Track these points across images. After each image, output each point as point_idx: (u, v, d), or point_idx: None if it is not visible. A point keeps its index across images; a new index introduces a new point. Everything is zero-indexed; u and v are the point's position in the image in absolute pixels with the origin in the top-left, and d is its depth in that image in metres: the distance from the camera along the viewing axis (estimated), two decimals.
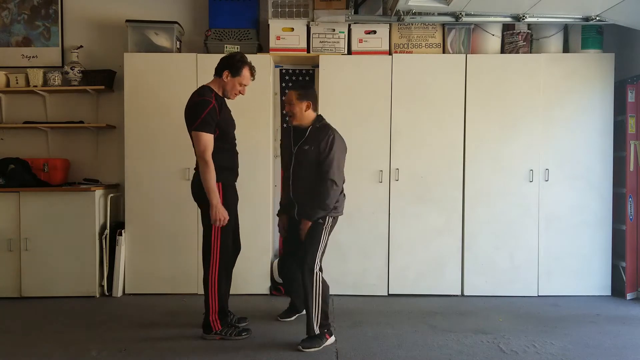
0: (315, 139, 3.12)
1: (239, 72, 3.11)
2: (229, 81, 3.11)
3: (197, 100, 3.02)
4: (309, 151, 3.12)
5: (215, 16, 4.36)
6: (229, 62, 3.11)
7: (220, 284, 3.11)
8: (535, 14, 4.02)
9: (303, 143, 3.16)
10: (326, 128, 3.18)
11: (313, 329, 3.03)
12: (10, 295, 4.10)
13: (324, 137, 3.10)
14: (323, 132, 3.14)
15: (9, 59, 4.57)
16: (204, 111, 2.97)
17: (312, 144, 3.12)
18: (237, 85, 3.13)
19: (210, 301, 3.10)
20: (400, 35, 4.24)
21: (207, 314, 3.14)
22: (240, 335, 3.17)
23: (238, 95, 3.19)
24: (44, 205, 4.09)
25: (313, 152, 3.10)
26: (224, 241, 3.12)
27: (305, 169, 3.14)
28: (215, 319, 3.13)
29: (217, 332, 3.14)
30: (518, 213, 4.17)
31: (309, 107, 3.18)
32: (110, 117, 4.56)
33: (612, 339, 3.21)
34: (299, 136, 3.19)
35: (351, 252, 4.20)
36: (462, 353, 2.97)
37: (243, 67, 3.12)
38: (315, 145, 3.10)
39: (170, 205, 4.18)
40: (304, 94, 3.18)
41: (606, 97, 4.19)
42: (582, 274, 4.19)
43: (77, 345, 3.09)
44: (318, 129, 3.17)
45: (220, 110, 3.08)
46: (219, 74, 3.13)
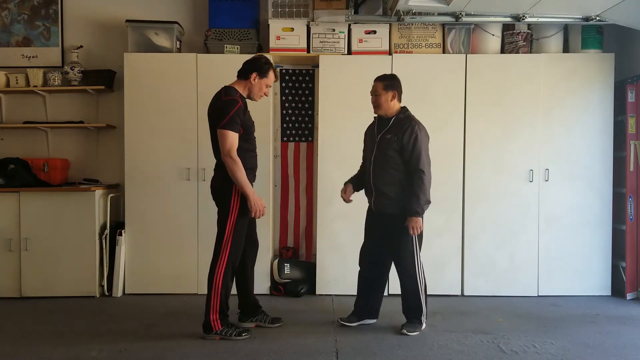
0: (399, 129, 3.22)
1: (266, 73, 3.19)
2: (256, 83, 3.18)
3: (225, 100, 3.08)
4: (392, 140, 3.21)
5: (215, 16, 4.36)
6: (257, 64, 3.20)
7: (224, 284, 3.11)
8: (535, 14, 4.02)
9: (386, 132, 3.26)
10: (409, 119, 3.27)
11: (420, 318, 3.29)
12: (10, 295, 4.10)
13: (408, 128, 3.20)
14: (407, 123, 3.23)
15: (9, 59, 4.57)
16: (232, 110, 3.03)
17: (395, 133, 3.22)
18: (263, 87, 3.22)
19: (212, 300, 3.10)
20: (400, 35, 4.25)
21: (207, 313, 3.13)
22: (240, 336, 3.16)
23: (262, 97, 3.28)
24: (44, 205, 4.10)
25: (396, 142, 3.20)
26: (236, 244, 3.13)
27: (387, 158, 3.23)
28: (216, 318, 3.12)
29: (217, 332, 3.14)
30: (518, 213, 4.17)
31: (395, 97, 3.29)
32: (110, 117, 4.56)
33: (612, 339, 3.21)
34: (383, 125, 3.29)
35: (351, 252, 4.18)
36: (462, 353, 2.97)
37: (270, 68, 3.22)
38: (399, 136, 3.20)
39: (170, 205, 4.18)
40: (390, 84, 3.28)
41: (606, 97, 4.19)
42: (582, 274, 4.19)
43: (77, 345, 3.09)
44: (402, 119, 3.26)
45: (245, 111, 3.15)
46: (245, 77, 3.19)
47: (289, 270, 4.26)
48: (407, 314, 3.35)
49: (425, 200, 3.17)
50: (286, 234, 4.60)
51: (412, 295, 3.29)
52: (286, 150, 4.57)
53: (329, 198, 4.18)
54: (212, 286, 3.10)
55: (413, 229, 3.19)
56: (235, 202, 3.10)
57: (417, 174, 3.16)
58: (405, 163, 3.21)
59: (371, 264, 3.41)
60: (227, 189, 3.10)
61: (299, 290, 4.17)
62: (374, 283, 3.42)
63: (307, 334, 3.26)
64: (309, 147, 4.57)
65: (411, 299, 3.30)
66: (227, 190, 3.11)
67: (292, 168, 4.57)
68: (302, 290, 4.19)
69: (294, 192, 4.58)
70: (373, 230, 3.40)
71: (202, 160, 4.17)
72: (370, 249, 3.42)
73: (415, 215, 3.16)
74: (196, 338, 3.18)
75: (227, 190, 3.10)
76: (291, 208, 4.58)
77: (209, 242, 4.15)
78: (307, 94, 4.57)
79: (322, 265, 4.21)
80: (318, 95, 4.26)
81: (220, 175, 3.16)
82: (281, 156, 4.56)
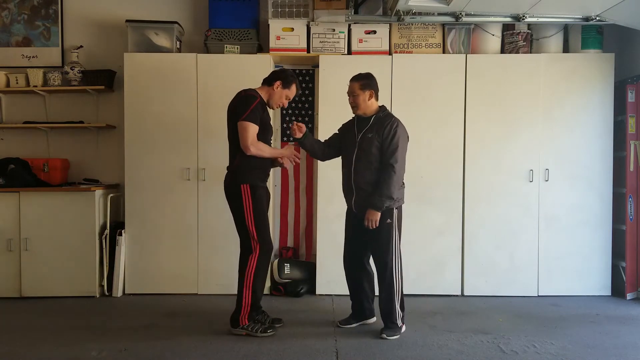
0: (380, 127, 3.21)
1: (289, 85, 3.31)
2: (277, 91, 3.29)
3: (245, 94, 3.20)
4: (373, 139, 3.20)
5: (215, 16, 4.36)
6: (283, 74, 3.32)
7: (256, 280, 3.16)
8: (535, 14, 4.02)
9: (367, 131, 3.24)
10: (390, 117, 3.27)
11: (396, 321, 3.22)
12: (10, 295, 4.10)
13: (388, 125, 3.19)
14: (387, 121, 3.23)
15: (9, 59, 4.57)
16: (253, 104, 3.14)
17: (376, 131, 3.21)
18: (283, 97, 3.32)
19: (244, 297, 3.15)
20: (400, 35, 4.24)
21: (237, 309, 3.18)
22: (266, 332, 3.20)
23: (279, 107, 3.38)
24: (44, 205, 4.10)
25: (377, 140, 3.19)
26: (263, 237, 3.19)
27: (369, 156, 3.21)
28: (245, 314, 3.18)
29: (243, 327, 3.18)
30: (518, 213, 4.17)
31: (372, 95, 3.28)
32: (110, 117, 4.56)
33: (612, 339, 3.21)
34: (363, 124, 3.28)
35: None
36: (462, 353, 2.97)
37: (294, 82, 3.34)
38: (379, 133, 3.19)
39: (170, 205, 4.18)
40: (366, 84, 3.27)
41: (606, 97, 4.19)
42: (582, 274, 4.19)
43: (77, 345, 3.09)
44: (382, 117, 3.26)
45: (264, 111, 3.24)
46: (270, 84, 3.29)
47: (289, 270, 4.26)
48: (383, 317, 3.28)
49: (387, 196, 3.12)
50: (286, 234, 4.60)
51: (387, 296, 3.22)
52: None
53: (329, 198, 4.18)
54: (244, 282, 3.15)
55: (370, 221, 3.14)
56: (247, 198, 3.15)
57: (387, 169, 3.14)
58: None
59: (356, 266, 3.40)
60: (237, 187, 3.17)
61: (299, 290, 4.17)
62: (362, 283, 3.41)
63: (307, 334, 3.26)
64: None
65: (386, 300, 3.23)
66: (237, 189, 3.17)
67: (292, 168, 4.57)
68: (302, 290, 4.19)
69: (294, 192, 4.59)
70: (354, 231, 3.34)
71: (202, 160, 4.17)
72: (354, 250, 3.39)
73: (374, 208, 3.13)
74: (196, 338, 3.18)
75: (237, 188, 3.17)
76: (291, 208, 4.58)
77: (209, 242, 4.18)
78: (307, 94, 4.57)
79: (322, 265, 4.21)
80: (318, 95, 4.26)
81: (230, 175, 3.23)
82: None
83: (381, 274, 3.24)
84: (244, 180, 3.16)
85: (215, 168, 4.12)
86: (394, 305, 3.21)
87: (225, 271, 4.18)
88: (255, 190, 3.18)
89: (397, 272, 3.22)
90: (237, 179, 3.18)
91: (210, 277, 4.19)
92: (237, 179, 3.18)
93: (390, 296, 3.21)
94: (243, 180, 3.16)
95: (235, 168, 3.20)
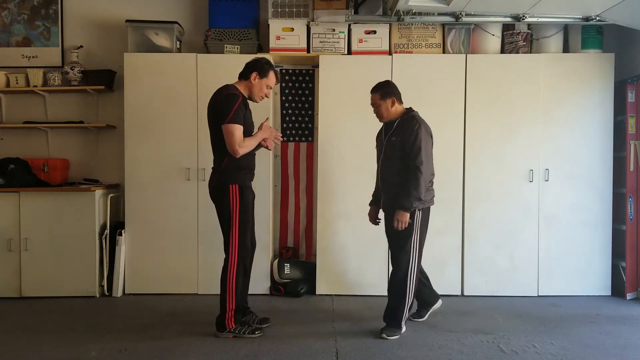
0: (402, 130, 3.25)
1: (266, 73, 3.19)
2: (256, 83, 3.19)
3: (226, 94, 3.09)
4: (396, 142, 3.25)
5: (215, 16, 4.36)
6: (256, 64, 3.21)
7: (237, 282, 3.13)
8: (535, 14, 4.02)
9: (391, 135, 3.29)
10: (412, 118, 3.28)
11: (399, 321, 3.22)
12: (10, 295, 4.10)
13: (409, 127, 3.22)
14: (409, 122, 3.25)
15: (9, 59, 4.58)
16: (235, 104, 3.06)
17: (398, 134, 3.25)
18: (264, 87, 3.22)
19: (227, 299, 3.12)
20: (400, 35, 4.24)
21: (222, 312, 3.15)
22: (253, 334, 3.19)
23: (263, 98, 3.28)
24: (44, 205, 4.10)
25: (399, 143, 3.23)
26: (242, 240, 3.14)
27: (393, 160, 3.26)
28: (230, 317, 3.15)
29: (230, 330, 3.16)
30: (518, 213, 4.17)
31: (394, 102, 3.32)
32: (110, 117, 4.56)
33: (612, 339, 3.21)
34: (389, 129, 3.34)
35: (351, 252, 4.20)
36: (462, 353, 2.97)
37: (270, 69, 3.22)
38: (402, 136, 3.22)
39: (170, 205, 4.18)
40: (386, 92, 3.32)
41: (606, 97, 4.19)
42: (582, 274, 4.19)
43: (77, 345, 3.09)
44: (405, 120, 3.29)
45: (245, 108, 3.16)
46: (246, 77, 3.20)
47: (289, 270, 4.26)
48: (387, 316, 3.30)
49: (416, 197, 3.14)
50: (286, 234, 4.60)
51: (397, 296, 3.23)
52: (286, 150, 4.57)
53: (329, 198, 4.19)
54: (225, 285, 3.12)
55: (399, 222, 3.16)
56: (234, 200, 3.11)
57: (413, 170, 3.16)
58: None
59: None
60: (225, 188, 3.12)
61: (299, 290, 4.17)
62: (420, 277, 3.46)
63: (307, 334, 3.26)
64: (309, 147, 4.58)
65: (394, 300, 3.25)
66: (224, 190, 3.12)
67: (292, 168, 4.57)
68: (302, 290, 4.19)
69: (294, 192, 4.59)
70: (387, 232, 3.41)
71: (202, 160, 4.17)
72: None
73: (403, 209, 3.15)
74: (196, 338, 3.18)
75: (225, 189, 3.12)
76: (291, 208, 4.58)
77: (209, 242, 4.17)
78: (307, 94, 4.57)
79: (322, 265, 4.21)
80: (318, 95, 4.26)
81: (217, 175, 3.17)
82: (281, 156, 4.56)
83: (395, 273, 3.25)
84: (233, 180, 3.11)
85: None
86: (403, 306, 3.21)
87: None
88: (244, 191, 3.14)
89: (412, 274, 3.21)
90: (226, 180, 3.11)
91: (210, 277, 4.19)
92: (226, 179, 3.12)
93: (401, 297, 3.21)
94: (233, 180, 3.11)
95: (223, 169, 3.13)
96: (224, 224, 3.16)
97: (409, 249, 3.21)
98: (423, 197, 3.18)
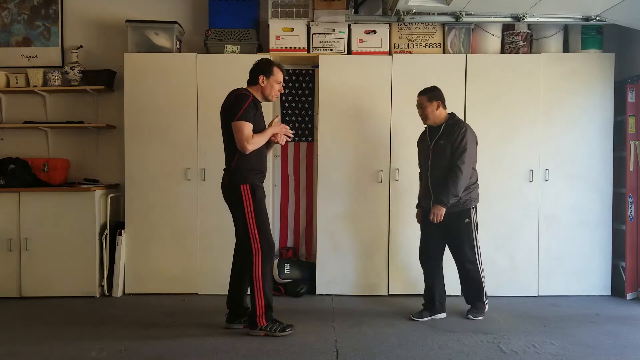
0: (450, 134, 3.49)
1: (271, 72, 3.24)
2: (266, 84, 3.24)
3: (236, 95, 3.17)
4: (445, 145, 3.49)
5: (215, 16, 4.36)
6: (260, 67, 3.25)
7: (264, 280, 3.17)
8: (535, 14, 4.02)
9: (439, 138, 3.53)
10: (458, 123, 3.55)
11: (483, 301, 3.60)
12: (10, 295, 4.10)
13: (457, 130, 3.47)
14: (456, 126, 3.51)
15: (9, 59, 4.58)
16: (245, 103, 3.13)
17: (446, 138, 3.49)
18: (275, 85, 3.26)
19: (257, 298, 3.15)
20: (400, 35, 4.24)
21: (253, 311, 3.18)
22: (284, 331, 3.20)
23: (278, 95, 3.35)
24: (44, 205, 4.10)
25: (448, 145, 3.47)
26: (264, 236, 3.18)
27: (442, 162, 3.50)
28: (261, 314, 3.17)
29: (261, 328, 3.18)
30: (518, 213, 4.17)
31: (439, 106, 3.55)
32: (110, 117, 4.56)
33: (612, 339, 3.21)
34: (435, 133, 3.57)
35: (351, 252, 4.21)
36: (462, 353, 2.97)
37: (272, 66, 3.25)
38: (450, 139, 3.47)
39: (170, 205, 4.18)
40: (433, 96, 3.56)
41: (606, 97, 4.18)
42: (582, 274, 4.19)
43: (77, 345, 3.09)
44: (451, 124, 3.53)
45: (256, 109, 3.21)
46: (254, 82, 3.25)
47: (289, 270, 4.26)
48: (470, 299, 3.64)
49: (453, 194, 3.41)
50: (286, 234, 4.60)
51: (475, 281, 3.57)
52: (286, 150, 4.57)
53: (329, 198, 4.19)
54: (253, 284, 3.15)
55: (435, 215, 3.44)
56: (247, 199, 3.14)
57: (454, 169, 3.42)
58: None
59: (431, 259, 3.65)
60: (237, 187, 3.16)
61: (299, 290, 4.17)
62: (436, 277, 3.64)
63: (307, 334, 3.26)
64: (309, 147, 4.58)
65: (474, 285, 3.58)
66: (236, 190, 3.16)
67: (292, 168, 4.57)
68: (302, 290, 4.19)
69: (294, 192, 4.59)
70: (431, 230, 3.60)
71: (202, 160, 4.18)
72: (433, 248, 3.65)
73: (440, 204, 3.43)
74: (196, 338, 3.18)
75: (237, 189, 3.16)
76: (291, 208, 4.58)
77: (209, 242, 4.18)
78: (307, 94, 4.57)
79: (322, 265, 4.21)
80: (318, 95, 4.26)
81: (227, 176, 3.22)
82: (281, 156, 4.56)
83: (468, 267, 3.55)
84: (243, 180, 3.15)
85: (215, 168, 4.11)
86: (482, 286, 3.58)
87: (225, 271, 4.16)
88: (256, 190, 3.17)
89: (481, 262, 3.58)
90: (236, 180, 3.17)
91: (210, 277, 4.19)
92: (236, 179, 3.17)
93: (479, 279, 3.57)
94: (243, 180, 3.15)
95: (234, 169, 3.18)
96: (240, 225, 3.20)
97: (475, 245, 3.54)
98: (459, 194, 3.42)
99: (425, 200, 3.63)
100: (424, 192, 3.65)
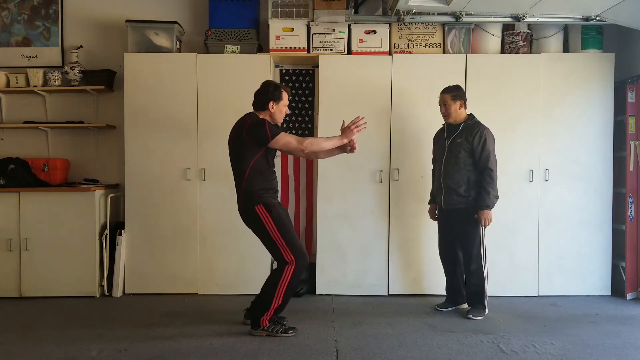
0: (469, 133, 3.59)
1: (280, 96, 3.28)
2: (276, 109, 3.28)
3: (251, 122, 3.16)
4: (462, 144, 3.58)
5: (215, 16, 4.36)
6: (268, 93, 3.25)
7: (289, 288, 3.17)
8: (535, 14, 4.02)
9: (457, 137, 3.62)
10: (478, 124, 3.64)
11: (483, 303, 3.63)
12: (10, 295, 4.10)
13: (477, 132, 3.57)
14: (475, 128, 3.60)
15: (9, 59, 4.58)
16: (265, 123, 3.14)
17: (465, 137, 3.59)
18: (283, 109, 3.32)
19: (273, 303, 3.16)
20: (400, 35, 4.25)
21: (261, 311, 3.19)
22: (286, 333, 3.20)
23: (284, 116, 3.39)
24: (44, 205, 4.10)
25: (465, 144, 3.57)
26: (295, 248, 3.17)
27: (457, 159, 3.59)
28: (267, 316, 3.19)
29: (264, 329, 3.19)
30: (518, 213, 4.17)
31: (462, 105, 3.66)
32: (110, 117, 4.56)
33: (612, 339, 3.21)
34: (453, 131, 3.67)
35: (351, 252, 4.20)
36: (462, 353, 2.97)
37: (281, 90, 3.30)
38: (469, 139, 3.57)
39: (170, 205, 4.18)
40: (457, 95, 3.65)
41: (606, 97, 4.19)
42: (582, 274, 4.19)
43: (77, 345, 3.09)
44: (470, 124, 3.63)
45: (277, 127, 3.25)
46: (263, 108, 3.25)
47: None
48: (471, 300, 3.67)
49: (494, 195, 3.55)
50: None
51: (477, 282, 3.62)
52: None
53: (329, 198, 4.19)
54: (275, 290, 3.15)
55: (485, 220, 3.55)
56: (265, 218, 3.15)
57: (486, 172, 3.54)
58: (474, 163, 3.58)
59: (452, 256, 3.76)
60: (252, 209, 3.17)
61: (299, 290, 4.17)
62: (456, 269, 3.77)
63: (307, 334, 3.26)
64: None
65: (476, 286, 3.62)
66: (252, 211, 3.17)
67: (292, 168, 4.57)
68: (302, 291, 4.19)
69: (294, 192, 4.58)
70: (445, 226, 3.75)
71: (202, 160, 4.18)
72: (448, 242, 3.77)
73: (486, 208, 3.55)
74: (196, 338, 3.18)
75: (253, 211, 3.17)
76: (291, 208, 4.58)
77: (209, 242, 4.18)
78: (307, 94, 4.57)
79: (322, 265, 4.21)
80: (318, 95, 4.26)
81: (240, 199, 3.23)
82: (281, 156, 4.56)
83: (472, 263, 3.61)
84: (257, 201, 3.15)
85: (215, 168, 4.12)
86: (484, 288, 3.61)
87: (225, 271, 4.19)
88: (271, 208, 3.17)
89: (485, 260, 3.62)
90: (249, 203, 3.17)
91: (210, 277, 4.20)
92: (249, 202, 3.17)
93: (481, 281, 3.61)
94: (256, 201, 3.15)
95: (244, 190, 3.18)
96: (270, 246, 3.21)
97: (481, 241, 3.60)
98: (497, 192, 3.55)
99: (438, 196, 3.71)
100: (437, 188, 3.74)
